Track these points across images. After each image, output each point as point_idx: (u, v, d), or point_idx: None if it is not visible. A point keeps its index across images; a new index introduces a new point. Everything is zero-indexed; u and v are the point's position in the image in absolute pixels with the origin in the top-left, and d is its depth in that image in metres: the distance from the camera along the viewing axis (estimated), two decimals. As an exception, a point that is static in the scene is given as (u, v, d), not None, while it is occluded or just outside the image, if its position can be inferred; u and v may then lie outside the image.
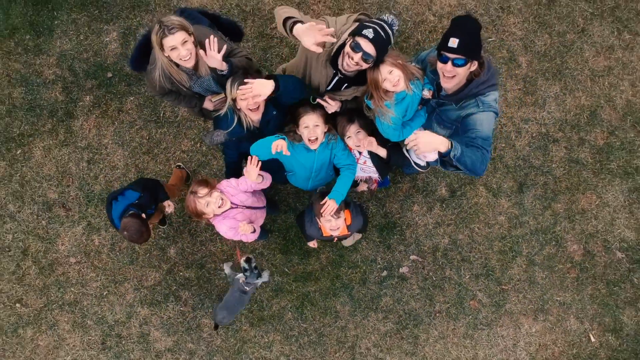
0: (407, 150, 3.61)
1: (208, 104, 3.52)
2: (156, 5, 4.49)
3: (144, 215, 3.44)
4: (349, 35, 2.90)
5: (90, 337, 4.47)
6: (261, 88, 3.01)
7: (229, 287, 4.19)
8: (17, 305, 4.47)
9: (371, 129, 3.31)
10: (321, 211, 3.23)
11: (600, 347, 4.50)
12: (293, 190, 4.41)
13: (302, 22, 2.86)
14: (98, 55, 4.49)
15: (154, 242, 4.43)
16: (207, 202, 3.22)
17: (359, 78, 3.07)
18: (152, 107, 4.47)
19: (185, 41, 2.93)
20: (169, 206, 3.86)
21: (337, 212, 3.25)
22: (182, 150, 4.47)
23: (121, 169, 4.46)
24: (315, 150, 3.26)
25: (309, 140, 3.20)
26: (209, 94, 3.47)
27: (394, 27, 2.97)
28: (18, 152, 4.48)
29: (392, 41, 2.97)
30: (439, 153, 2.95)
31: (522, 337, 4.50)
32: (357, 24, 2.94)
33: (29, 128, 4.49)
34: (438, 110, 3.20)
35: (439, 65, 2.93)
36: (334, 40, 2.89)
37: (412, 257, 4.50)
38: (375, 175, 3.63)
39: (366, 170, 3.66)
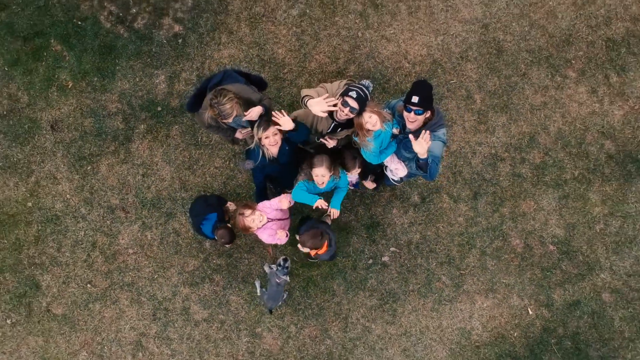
0: (385, 169, 4.98)
1: (239, 135, 4.86)
2: (195, 56, 5.83)
3: (229, 225, 4.80)
4: (339, 95, 4.25)
5: (144, 311, 5.79)
6: (286, 123, 4.35)
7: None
8: (88, 285, 5.79)
9: (362, 160, 4.65)
10: (331, 217, 4.80)
11: (536, 318, 5.83)
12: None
13: (312, 97, 4.21)
14: (150, 94, 5.83)
15: (193, 237, 5.76)
16: (252, 219, 4.53)
17: (349, 123, 4.42)
18: (192, 134, 5.80)
19: (232, 101, 4.25)
20: (231, 205, 5.19)
21: (319, 242, 4.63)
22: (215, 167, 5.80)
23: (168, 181, 5.79)
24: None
25: (319, 183, 4.53)
26: (240, 128, 4.81)
27: (369, 89, 4.33)
28: (88, 168, 5.81)
29: (369, 97, 4.31)
30: (417, 161, 4.30)
31: (476, 311, 5.83)
32: (345, 87, 4.29)
33: (97, 149, 5.82)
34: (404, 141, 4.54)
35: (405, 113, 4.28)
36: (337, 108, 4.23)
37: (392, 248, 5.83)
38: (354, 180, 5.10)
39: (352, 177, 5.08)
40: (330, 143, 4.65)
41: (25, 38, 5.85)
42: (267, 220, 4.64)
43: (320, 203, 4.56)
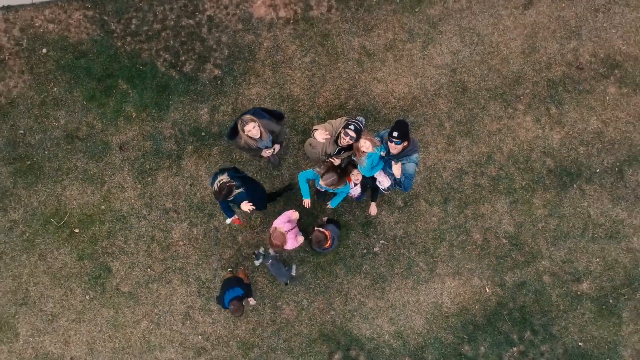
0: (375, 181, 6.72)
1: (263, 153, 6.51)
2: (230, 93, 7.58)
3: (243, 302, 6.30)
4: (342, 128, 6.01)
5: (191, 289, 7.52)
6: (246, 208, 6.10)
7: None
8: (148, 269, 7.53)
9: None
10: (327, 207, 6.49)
11: (492, 295, 7.57)
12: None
13: (317, 130, 5.97)
14: (196, 122, 7.58)
15: (229, 232, 7.49)
16: (280, 234, 5.99)
17: (349, 148, 6.18)
18: (228, 153, 7.54)
19: (254, 126, 5.93)
20: (251, 300, 6.71)
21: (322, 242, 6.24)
22: (245, 178, 7.55)
23: (210, 190, 7.52)
24: None
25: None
26: (265, 148, 6.49)
27: (363, 123, 6.09)
28: (148, 179, 7.55)
29: (363, 129, 6.06)
30: (394, 179, 6.06)
31: (445, 289, 7.56)
32: (346, 122, 6.05)
33: (155, 165, 7.57)
34: (389, 161, 6.29)
35: (389, 143, 6.03)
36: (329, 136, 5.99)
37: (381, 241, 7.56)
38: (356, 194, 6.76)
39: (355, 191, 6.78)
40: (336, 161, 6.41)
41: (99, 79, 7.61)
42: (285, 231, 6.34)
43: (306, 203, 6.46)
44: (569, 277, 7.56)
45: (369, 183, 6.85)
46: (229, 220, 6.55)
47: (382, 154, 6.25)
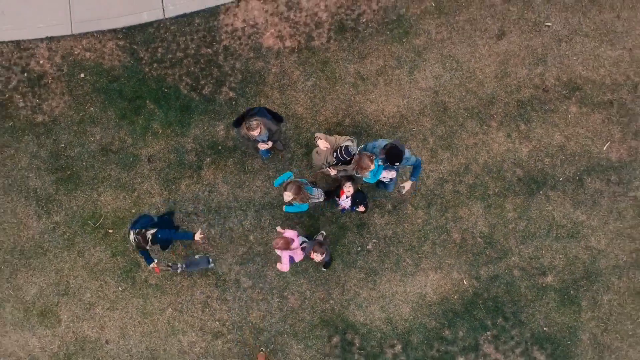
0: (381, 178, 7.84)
1: (260, 146, 7.48)
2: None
3: None
4: (332, 152, 7.15)
5: (209, 281, 8.68)
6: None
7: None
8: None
9: (356, 185, 7.56)
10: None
11: (469, 286, 8.74)
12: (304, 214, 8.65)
13: (320, 138, 7.12)
14: (214, 137, 8.77)
15: (242, 232, 8.68)
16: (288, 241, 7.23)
17: (347, 162, 7.31)
18: (242, 164, 8.73)
19: (258, 131, 7.06)
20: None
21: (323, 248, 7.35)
22: (256, 186, 8.70)
23: (225, 195, 8.70)
24: None
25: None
26: (262, 142, 7.49)
27: (354, 149, 7.23)
28: (172, 187, 8.74)
29: (346, 158, 7.05)
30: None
31: (429, 282, 8.73)
32: (348, 140, 7.20)
33: (178, 174, 8.75)
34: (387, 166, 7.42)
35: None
36: (329, 146, 7.14)
37: (374, 240, 8.74)
38: (346, 206, 7.92)
39: (346, 203, 7.94)
40: (332, 172, 7.59)
41: (129, 100, 8.80)
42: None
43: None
44: (536, 271, 8.73)
45: (358, 198, 7.92)
46: (150, 266, 7.71)
47: (379, 163, 7.35)
